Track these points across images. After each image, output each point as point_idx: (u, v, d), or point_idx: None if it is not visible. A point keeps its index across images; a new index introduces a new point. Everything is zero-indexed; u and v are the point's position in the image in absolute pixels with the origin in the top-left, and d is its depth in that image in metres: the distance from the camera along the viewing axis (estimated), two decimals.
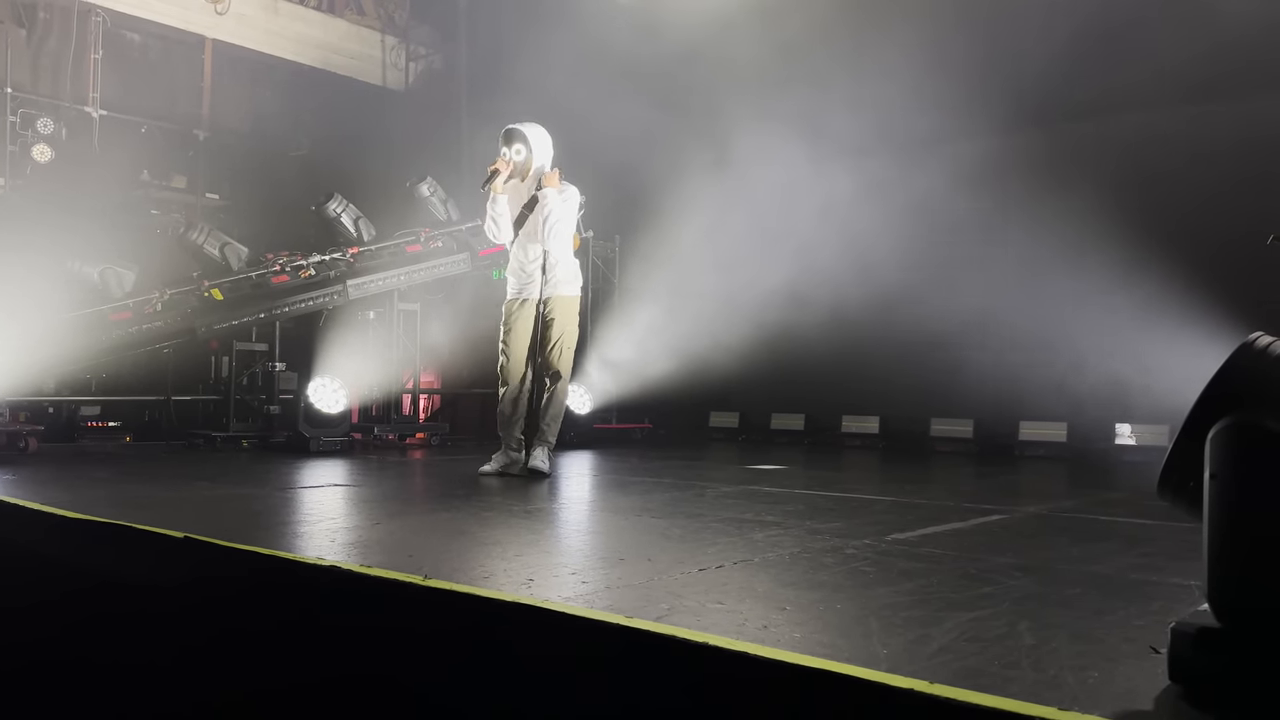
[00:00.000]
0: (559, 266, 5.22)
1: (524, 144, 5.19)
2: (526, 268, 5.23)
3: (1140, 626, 2.00)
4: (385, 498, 4.45)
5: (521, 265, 5.26)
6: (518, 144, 5.20)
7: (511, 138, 5.21)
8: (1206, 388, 1.59)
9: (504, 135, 5.24)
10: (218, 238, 7.33)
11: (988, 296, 7.28)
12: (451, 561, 2.68)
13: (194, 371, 7.69)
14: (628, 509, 4.08)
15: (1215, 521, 1.53)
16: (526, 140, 5.19)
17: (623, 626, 1.85)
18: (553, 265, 5.20)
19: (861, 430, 8.71)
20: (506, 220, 5.24)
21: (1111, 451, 7.28)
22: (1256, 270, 6.21)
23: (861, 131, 7.60)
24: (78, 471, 5.26)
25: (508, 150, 5.20)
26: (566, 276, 5.27)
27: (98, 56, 9.89)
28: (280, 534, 3.20)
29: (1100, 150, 7.46)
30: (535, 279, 5.21)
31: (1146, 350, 6.55)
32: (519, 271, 5.27)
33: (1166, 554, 2.98)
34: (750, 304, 8.22)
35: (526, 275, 5.23)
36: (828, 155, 8.06)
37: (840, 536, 3.18)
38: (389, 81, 12.45)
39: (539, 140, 5.25)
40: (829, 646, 1.79)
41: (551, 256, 5.19)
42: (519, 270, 5.27)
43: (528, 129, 5.23)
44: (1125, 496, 4.88)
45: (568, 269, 5.28)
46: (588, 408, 8.35)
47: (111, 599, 2.94)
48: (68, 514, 3.28)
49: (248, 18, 11.13)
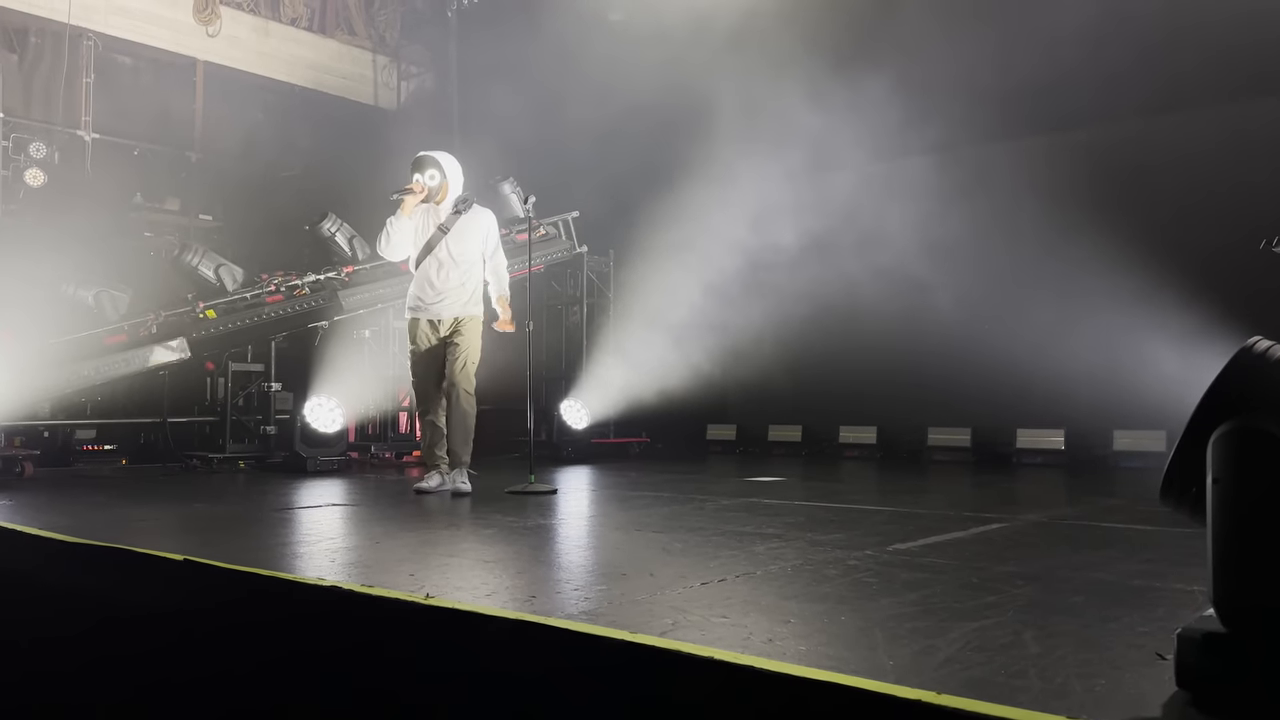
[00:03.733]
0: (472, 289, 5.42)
1: (438, 169, 5.36)
2: (437, 287, 5.35)
3: (1145, 633, 1.99)
4: (384, 517, 4.44)
5: (431, 284, 5.36)
6: (431, 169, 5.36)
7: (424, 164, 5.38)
8: (1207, 393, 1.59)
9: (415, 162, 5.41)
10: (212, 259, 7.32)
11: (983, 305, 7.30)
12: (453, 580, 2.67)
13: (189, 393, 7.65)
14: (628, 524, 4.07)
15: (1219, 526, 1.53)
16: (440, 166, 5.36)
17: (627, 642, 1.85)
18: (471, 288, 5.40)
19: (859, 440, 8.71)
20: (402, 238, 5.38)
21: (1110, 458, 7.29)
22: (1252, 276, 6.23)
23: (855, 143, 7.62)
24: (74, 495, 5.24)
25: (420, 176, 5.35)
26: (477, 298, 5.45)
27: (89, 80, 9.89)
28: (280, 555, 3.18)
29: (1096, 159, 7.49)
30: (446, 299, 5.34)
31: (1143, 356, 6.57)
32: (427, 291, 5.38)
33: (1169, 560, 2.98)
34: (745, 317, 8.22)
35: (436, 294, 5.35)
36: (822, 167, 8.09)
37: (842, 548, 3.18)
38: (381, 101, 12.48)
39: (451, 167, 5.42)
40: (835, 659, 1.79)
41: (472, 280, 5.40)
42: (426, 290, 5.38)
43: (440, 156, 5.41)
44: (1125, 503, 4.88)
45: (478, 291, 5.47)
46: (585, 423, 8.35)
47: (112, 624, 2.92)
48: (66, 538, 3.26)
49: (239, 39, 11.16)
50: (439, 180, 5.37)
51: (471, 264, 5.40)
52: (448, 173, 5.39)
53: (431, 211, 5.42)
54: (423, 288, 5.40)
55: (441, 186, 5.37)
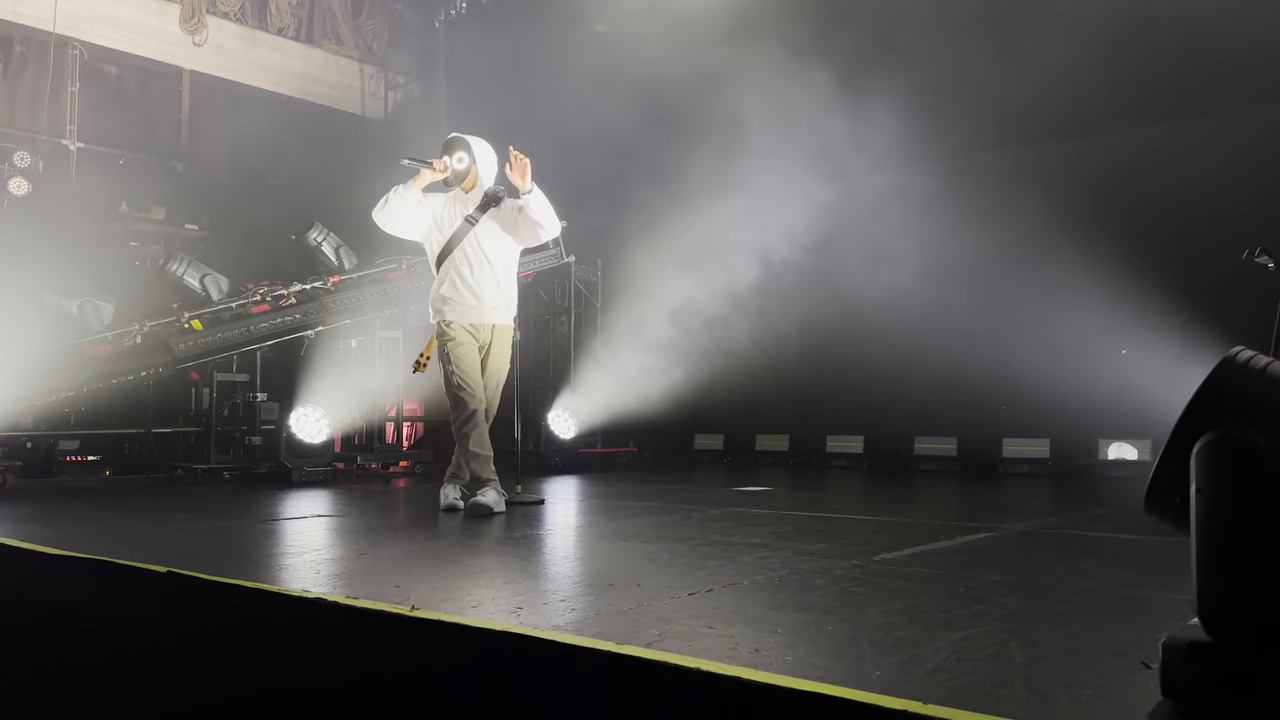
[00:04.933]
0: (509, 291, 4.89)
1: (467, 153, 4.80)
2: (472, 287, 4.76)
3: (1130, 642, 2.00)
4: (370, 528, 4.42)
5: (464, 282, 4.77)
6: (460, 152, 4.81)
7: (454, 146, 4.84)
8: (1190, 403, 1.60)
9: (446, 144, 4.88)
10: (198, 269, 7.30)
11: (968, 315, 7.33)
12: (439, 591, 2.66)
13: (174, 404, 7.61)
14: (615, 534, 4.06)
15: (1203, 535, 1.54)
16: (470, 150, 4.81)
17: (613, 654, 1.84)
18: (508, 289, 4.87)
19: (846, 450, 8.73)
20: (404, 211, 4.75)
21: (1095, 467, 7.31)
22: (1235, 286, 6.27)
23: (845, 154, 7.65)
24: (57, 507, 5.19)
25: (449, 158, 4.80)
26: (513, 302, 4.95)
27: (75, 89, 9.85)
28: (264, 566, 3.16)
29: (1081, 170, 7.54)
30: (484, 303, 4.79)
31: (1128, 366, 6.61)
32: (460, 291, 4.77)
33: (1154, 568, 2.99)
34: (733, 326, 8.24)
35: (473, 296, 4.76)
36: (811, 178, 8.11)
37: (829, 557, 3.18)
38: (368, 110, 12.47)
39: (484, 153, 4.86)
40: (822, 669, 1.79)
41: (508, 279, 4.85)
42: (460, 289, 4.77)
43: (473, 140, 4.85)
44: (1110, 512, 4.90)
45: (514, 295, 4.95)
46: (572, 432, 8.33)
47: (93, 636, 2.90)
48: (48, 550, 3.23)
49: (225, 49, 11.14)
50: (467, 164, 4.79)
51: (505, 262, 4.82)
52: (478, 159, 4.81)
53: (459, 200, 4.84)
54: (454, 287, 4.75)
55: (470, 172, 4.80)
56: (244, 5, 11.37)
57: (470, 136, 4.88)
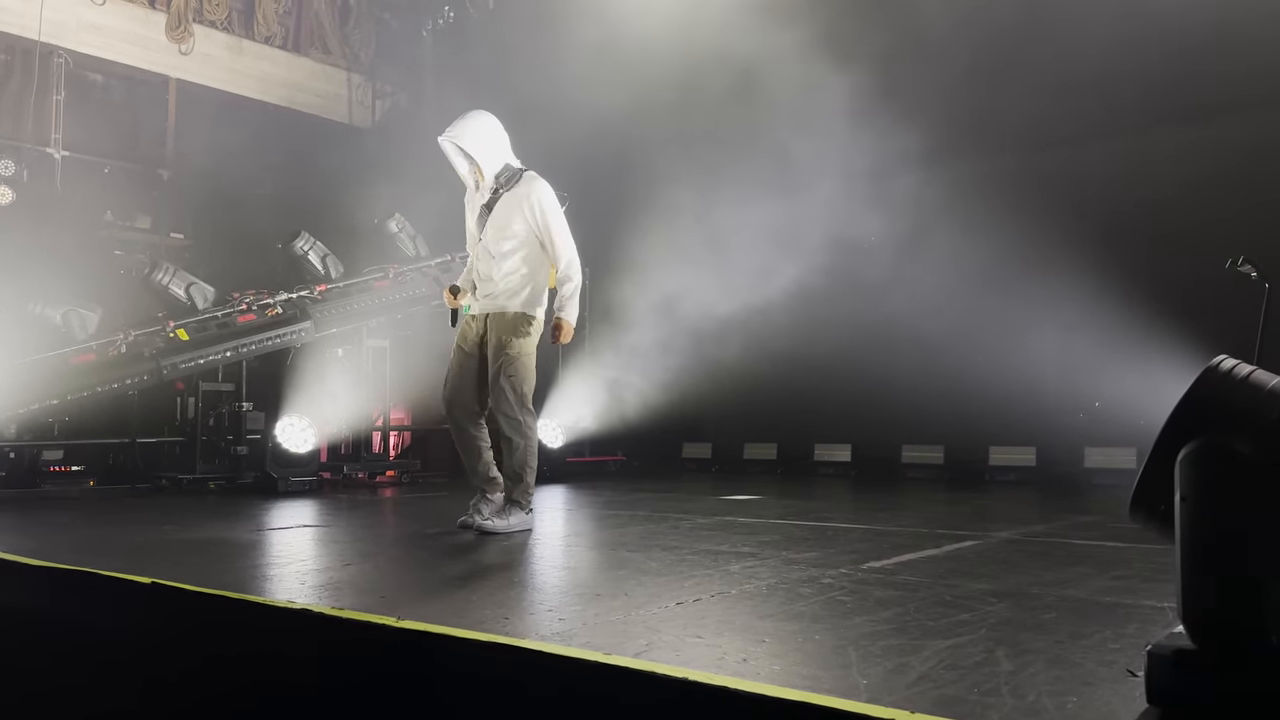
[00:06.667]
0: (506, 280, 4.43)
1: (462, 157, 4.49)
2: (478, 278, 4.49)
3: (1116, 650, 2.01)
4: (356, 538, 4.40)
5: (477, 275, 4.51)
6: (457, 160, 4.52)
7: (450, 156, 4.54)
8: (1174, 411, 1.61)
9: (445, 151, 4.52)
10: (183, 278, 7.26)
11: (955, 323, 7.35)
12: (425, 602, 2.65)
13: (159, 413, 7.55)
14: (603, 543, 4.06)
15: (1186, 543, 1.55)
16: (464, 151, 4.44)
17: (601, 664, 1.84)
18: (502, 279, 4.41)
19: (833, 458, 8.74)
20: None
21: (1081, 475, 7.34)
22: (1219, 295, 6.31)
23: (831, 161, 7.67)
24: (40, 517, 5.15)
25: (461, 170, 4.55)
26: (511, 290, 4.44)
27: (60, 97, 9.80)
28: (250, 577, 3.14)
29: (1067, 179, 7.58)
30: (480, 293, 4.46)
31: (1112, 374, 6.64)
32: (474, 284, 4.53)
33: (1140, 576, 3.00)
34: (721, 334, 8.24)
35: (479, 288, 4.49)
36: (798, 185, 8.14)
37: (816, 566, 3.18)
38: (355, 119, 12.45)
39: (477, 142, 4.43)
40: (809, 678, 1.79)
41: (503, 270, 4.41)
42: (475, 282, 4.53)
43: (465, 140, 4.41)
44: (1096, 519, 4.91)
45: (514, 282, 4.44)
46: (560, 441, 8.32)
47: (76, 648, 2.87)
48: (30, 561, 3.21)
49: (212, 57, 11.11)
50: (466, 167, 4.50)
51: (506, 252, 4.37)
52: (473, 152, 4.41)
53: (482, 190, 4.51)
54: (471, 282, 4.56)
55: (474, 170, 4.48)
56: (231, 14, 11.36)
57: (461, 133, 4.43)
